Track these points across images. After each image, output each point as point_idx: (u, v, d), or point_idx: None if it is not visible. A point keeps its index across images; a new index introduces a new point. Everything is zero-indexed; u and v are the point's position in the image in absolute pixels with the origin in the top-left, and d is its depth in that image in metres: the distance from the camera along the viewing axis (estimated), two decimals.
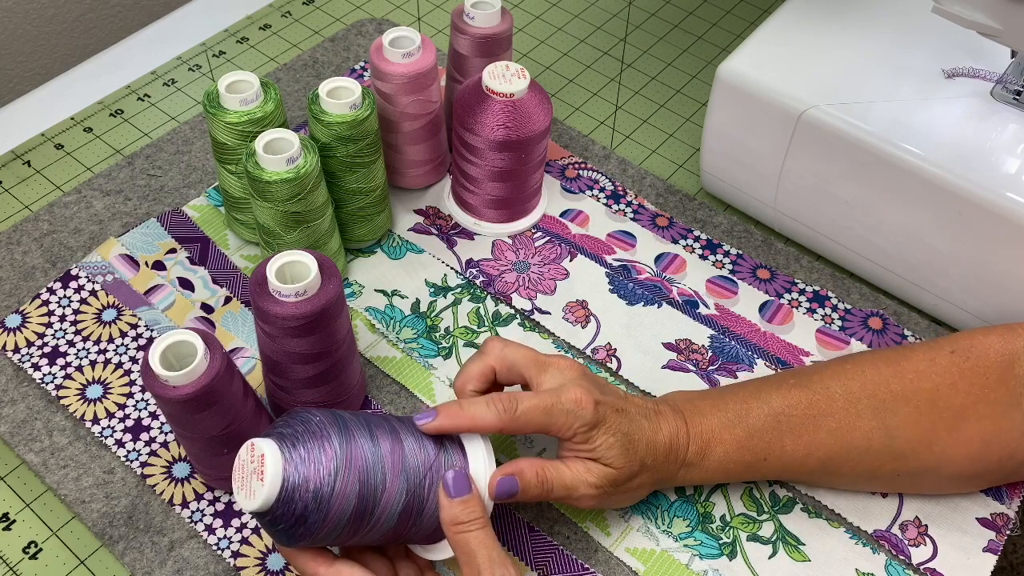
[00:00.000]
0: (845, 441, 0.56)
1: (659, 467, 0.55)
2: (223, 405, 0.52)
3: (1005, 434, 0.55)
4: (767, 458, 0.57)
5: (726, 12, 0.95)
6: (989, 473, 0.58)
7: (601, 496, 0.54)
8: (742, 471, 0.57)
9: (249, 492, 0.45)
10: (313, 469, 0.46)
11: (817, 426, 0.56)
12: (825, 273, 0.72)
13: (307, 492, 0.45)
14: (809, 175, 0.69)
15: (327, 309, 0.54)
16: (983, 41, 0.62)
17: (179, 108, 0.84)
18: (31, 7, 0.99)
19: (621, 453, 0.53)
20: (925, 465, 0.56)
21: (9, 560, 0.58)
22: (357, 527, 0.48)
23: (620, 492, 0.55)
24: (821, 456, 0.56)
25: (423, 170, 0.75)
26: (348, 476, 0.46)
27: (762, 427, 0.56)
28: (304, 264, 0.54)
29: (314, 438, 0.47)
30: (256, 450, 0.46)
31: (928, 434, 0.56)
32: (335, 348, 0.57)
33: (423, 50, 0.68)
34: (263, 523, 0.47)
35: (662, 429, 0.55)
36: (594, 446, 0.53)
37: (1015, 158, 0.62)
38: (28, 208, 0.76)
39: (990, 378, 0.55)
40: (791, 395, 0.57)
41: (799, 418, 0.56)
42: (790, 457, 0.56)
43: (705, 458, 0.56)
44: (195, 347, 0.51)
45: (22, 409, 0.63)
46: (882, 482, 0.58)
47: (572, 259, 0.72)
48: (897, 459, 0.56)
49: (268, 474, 0.45)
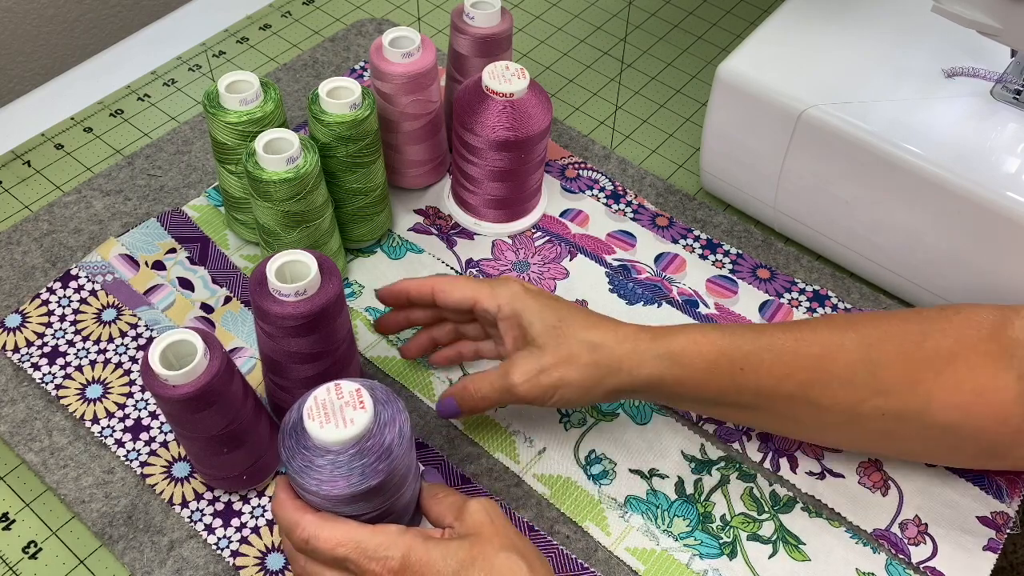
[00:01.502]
0: (827, 368, 0.54)
1: (607, 348, 0.54)
2: (223, 405, 0.52)
3: (998, 392, 0.53)
4: (744, 368, 0.55)
5: (726, 12, 0.95)
6: (983, 438, 0.55)
7: (540, 381, 0.55)
8: (716, 379, 0.55)
9: (344, 422, 0.47)
10: (392, 410, 0.50)
11: (799, 351, 0.55)
12: (825, 273, 0.72)
13: (395, 427, 0.49)
14: (809, 175, 0.69)
15: (327, 309, 0.54)
16: (983, 41, 0.62)
17: (179, 108, 0.84)
18: (31, 7, 0.99)
19: (548, 332, 0.55)
20: (910, 406, 0.54)
21: (9, 560, 0.58)
22: (397, 490, 0.50)
23: (561, 374, 0.54)
24: (801, 379, 0.55)
25: (423, 170, 0.75)
26: (411, 435, 0.50)
27: (740, 339, 0.55)
28: (304, 264, 0.54)
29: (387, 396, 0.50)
30: (345, 388, 0.48)
31: (914, 372, 0.54)
32: (335, 348, 0.57)
33: (423, 50, 0.68)
34: (339, 462, 0.47)
35: (610, 320, 0.56)
36: (516, 322, 0.56)
37: (1015, 158, 0.62)
38: (28, 208, 0.76)
39: (982, 330, 0.54)
40: (773, 326, 0.57)
41: (781, 340, 0.55)
42: (767, 373, 0.55)
43: (671, 345, 0.54)
44: (195, 346, 0.51)
45: (22, 409, 0.63)
46: (866, 422, 0.56)
47: (572, 259, 0.72)
48: (880, 394, 0.54)
49: (368, 403, 0.48)
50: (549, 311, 0.56)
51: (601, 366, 0.54)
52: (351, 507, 0.48)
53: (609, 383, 0.55)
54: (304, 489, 0.48)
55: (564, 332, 0.55)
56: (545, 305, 0.56)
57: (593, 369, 0.54)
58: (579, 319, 0.56)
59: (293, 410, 0.49)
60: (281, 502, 0.49)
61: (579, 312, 0.57)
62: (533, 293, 0.57)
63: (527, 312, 0.56)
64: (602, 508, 0.60)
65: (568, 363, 0.54)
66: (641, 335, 0.55)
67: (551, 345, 0.55)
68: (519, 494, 0.60)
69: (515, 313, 0.56)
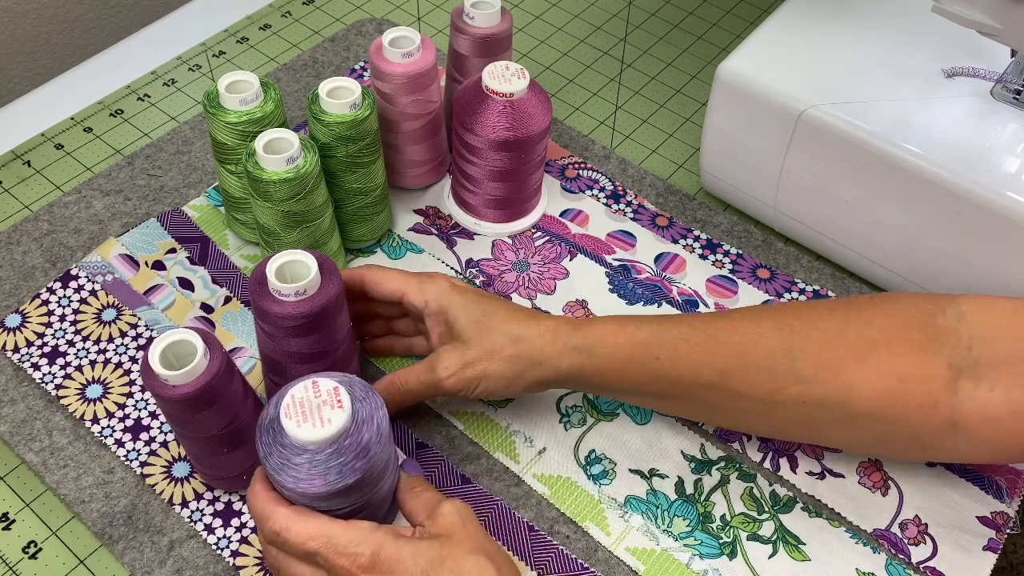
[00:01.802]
0: (745, 356, 0.54)
1: (528, 340, 0.55)
2: (223, 404, 0.52)
3: (925, 379, 0.52)
4: (659, 357, 0.55)
5: (726, 12, 0.95)
6: (909, 427, 0.53)
7: (465, 374, 0.56)
8: (632, 369, 0.55)
9: (320, 421, 0.47)
10: (370, 407, 0.50)
11: (716, 339, 0.55)
12: (825, 273, 0.72)
13: (372, 425, 0.49)
14: (809, 175, 0.69)
15: (327, 308, 0.54)
16: (983, 41, 0.62)
17: (179, 108, 0.84)
18: (31, 7, 0.99)
19: (472, 326, 0.56)
20: (831, 394, 0.53)
21: (9, 560, 0.58)
22: (374, 485, 0.50)
23: (484, 367, 0.56)
24: (719, 367, 0.55)
25: (423, 170, 0.75)
26: (389, 431, 0.51)
27: (657, 329, 0.55)
28: (304, 263, 0.54)
29: (366, 392, 0.51)
30: (323, 386, 0.49)
31: (835, 360, 0.53)
32: (335, 348, 0.57)
33: (423, 50, 0.68)
34: (317, 460, 0.48)
35: (534, 313, 0.57)
36: (443, 318, 0.57)
37: (1015, 158, 0.62)
38: (28, 208, 0.76)
39: (909, 320, 0.53)
40: (693, 316, 0.57)
41: (698, 329, 0.55)
42: (684, 361, 0.55)
43: (588, 337, 0.55)
44: (195, 346, 0.51)
45: (22, 409, 0.63)
46: (787, 410, 0.55)
47: (572, 259, 0.72)
48: (800, 382, 0.54)
49: (345, 401, 0.48)
50: (474, 306, 0.57)
51: (523, 359, 0.56)
52: (328, 503, 0.49)
53: (531, 375, 0.56)
54: (281, 486, 0.49)
55: (488, 326, 0.56)
56: (471, 300, 0.58)
57: (515, 362, 0.56)
58: (502, 313, 0.57)
59: (271, 406, 0.50)
60: (255, 493, 0.50)
61: (503, 306, 0.58)
62: (460, 289, 0.59)
63: (452, 308, 0.57)
64: (602, 508, 0.60)
65: (491, 356, 0.56)
66: (562, 327, 0.56)
67: (475, 339, 0.56)
68: (519, 494, 0.60)
69: (441, 309, 0.57)
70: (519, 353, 0.56)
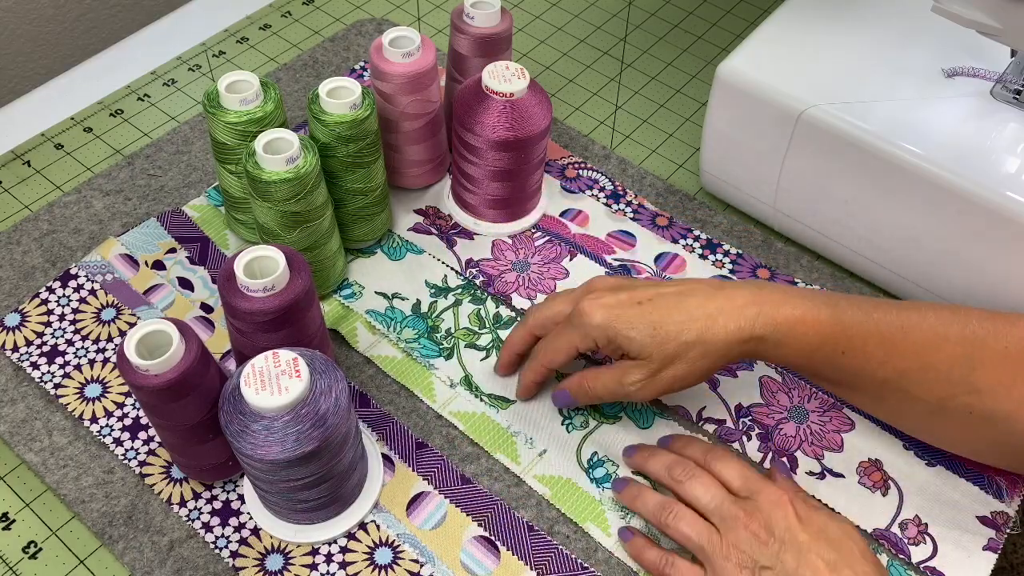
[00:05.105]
0: (927, 358, 0.54)
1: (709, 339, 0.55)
2: (199, 394, 0.52)
3: None
4: (845, 352, 0.55)
5: (726, 12, 0.95)
6: None
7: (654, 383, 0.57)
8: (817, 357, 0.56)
9: (279, 389, 0.49)
10: (329, 379, 0.51)
11: (905, 335, 0.55)
12: (825, 273, 0.72)
13: (331, 397, 0.50)
14: (809, 175, 0.69)
15: (296, 303, 0.55)
16: (983, 40, 0.62)
17: (179, 108, 0.84)
18: (31, 7, 0.99)
19: (648, 344, 0.56)
20: (1001, 409, 0.54)
21: (9, 560, 0.58)
22: (334, 455, 0.52)
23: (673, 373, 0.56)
24: (900, 367, 0.55)
25: (423, 170, 0.75)
26: (348, 404, 0.52)
27: (843, 320, 0.55)
28: (272, 259, 0.54)
29: (326, 366, 0.52)
30: (283, 356, 0.50)
31: (1012, 376, 0.53)
32: (307, 342, 0.57)
33: (423, 50, 0.68)
34: (274, 428, 0.49)
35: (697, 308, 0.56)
36: (616, 346, 0.57)
37: (1015, 157, 0.62)
38: (28, 208, 0.76)
39: None
40: (883, 308, 0.56)
41: (888, 322, 0.55)
42: (871, 356, 0.55)
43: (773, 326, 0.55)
44: (170, 336, 0.51)
45: (22, 409, 0.63)
46: (949, 417, 0.56)
47: (572, 259, 0.72)
48: (973, 393, 0.54)
49: (304, 372, 0.50)
50: (639, 321, 0.56)
51: (709, 356, 0.56)
52: (288, 471, 0.50)
53: (720, 364, 0.57)
54: (241, 452, 0.50)
55: (663, 337, 0.56)
56: (634, 318, 0.57)
57: (701, 360, 0.56)
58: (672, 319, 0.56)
59: (233, 376, 0.51)
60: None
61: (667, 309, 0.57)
62: (614, 310, 0.57)
63: (619, 337, 0.57)
64: (603, 509, 0.60)
65: (675, 361, 0.56)
66: (744, 318, 0.56)
67: (656, 353, 0.56)
68: (519, 494, 0.60)
69: (610, 341, 0.57)
70: (704, 353, 0.56)
